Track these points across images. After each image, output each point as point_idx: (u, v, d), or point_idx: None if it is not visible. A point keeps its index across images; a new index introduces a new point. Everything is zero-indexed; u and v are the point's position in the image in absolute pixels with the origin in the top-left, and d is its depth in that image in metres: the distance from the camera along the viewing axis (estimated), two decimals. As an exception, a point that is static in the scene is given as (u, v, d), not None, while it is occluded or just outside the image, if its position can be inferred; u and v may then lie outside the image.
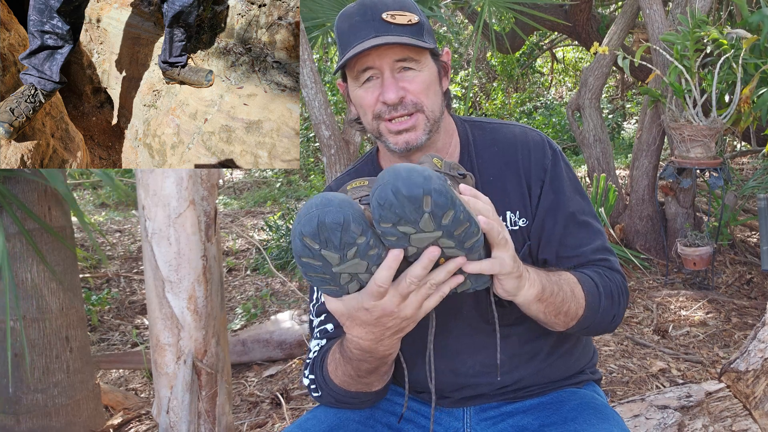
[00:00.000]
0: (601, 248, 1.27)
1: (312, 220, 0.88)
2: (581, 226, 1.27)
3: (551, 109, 9.49)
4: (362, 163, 1.38)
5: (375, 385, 1.18)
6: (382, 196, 0.87)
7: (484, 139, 1.31)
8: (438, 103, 1.22)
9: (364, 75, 1.18)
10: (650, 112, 4.03)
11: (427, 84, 1.19)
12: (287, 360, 3.08)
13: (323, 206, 0.89)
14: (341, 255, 0.91)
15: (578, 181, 1.32)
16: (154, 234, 1.80)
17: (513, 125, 1.34)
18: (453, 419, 1.34)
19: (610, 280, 1.23)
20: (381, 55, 1.15)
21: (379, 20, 1.15)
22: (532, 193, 1.26)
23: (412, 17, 1.17)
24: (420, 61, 1.18)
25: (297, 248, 0.91)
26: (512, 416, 1.31)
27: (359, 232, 0.89)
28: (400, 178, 0.87)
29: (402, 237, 0.91)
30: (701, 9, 3.53)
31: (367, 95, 1.19)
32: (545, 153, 1.28)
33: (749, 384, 1.74)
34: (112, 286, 4.35)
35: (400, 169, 0.88)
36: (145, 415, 2.64)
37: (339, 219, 0.88)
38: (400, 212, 0.87)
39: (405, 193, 0.86)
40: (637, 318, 3.30)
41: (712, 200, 4.13)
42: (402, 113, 1.18)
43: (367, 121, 1.23)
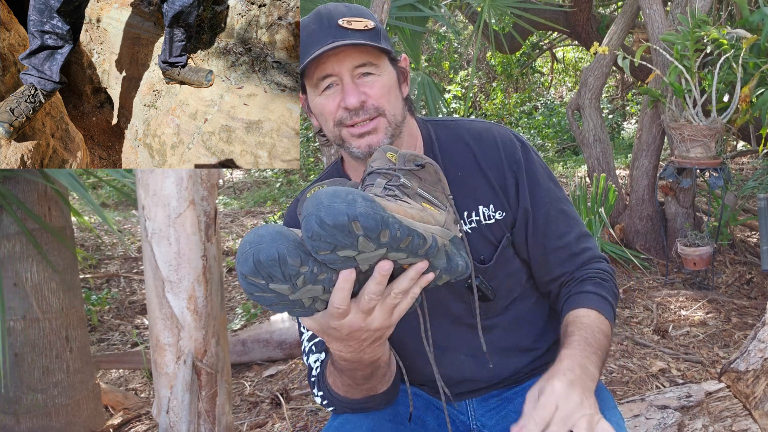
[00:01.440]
0: (582, 235, 1.31)
1: (248, 260, 0.86)
2: (561, 215, 1.29)
3: (551, 109, 9.49)
4: (327, 173, 1.38)
5: (379, 387, 1.18)
6: (309, 228, 0.84)
7: (449, 136, 1.31)
8: (399, 107, 1.22)
9: (324, 83, 1.17)
10: (650, 112, 4.03)
11: (387, 88, 1.19)
12: (287, 360, 3.08)
13: (256, 244, 0.86)
14: (291, 285, 0.88)
15: (548, 168, 1.33)
16: (154, 234, 1.80)
17: (477, 122, 1.34)
18: (458, 413, 1.37)
19: (605, 279, 1.26)
20: (340, 61, 1.15)
21: (336, 26, 1.15)
22: (508, 184, 1.27)
23: (368, 23, 1.17)
24: (379, 65, 1.18)
25: (245, 287, 0.88)
26: (512, 401, 1.33)
27: (298, 263, 0.86)
28: (322, 208, 0.83)
29: (347, 260, 0.88)
30: (701, 9, 3.53)
31: (327, 102, 1.18)
32: (514, 145, 1.29)
33: (749, 384, 1.74)
34: (112, 286, 4.35)
35: (321, 197, 0.85)
36: (145, 415, 2.64)
37: (273, 255, 0.85)
38: (332, 240, 0.84)
39: (330, 223, 0.82)
40: (637, 318, 3.30)
41: (712, 200, 4.13)
42: (364, 118, 1.17)
43: (329, 129, 1.22)
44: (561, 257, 1.28)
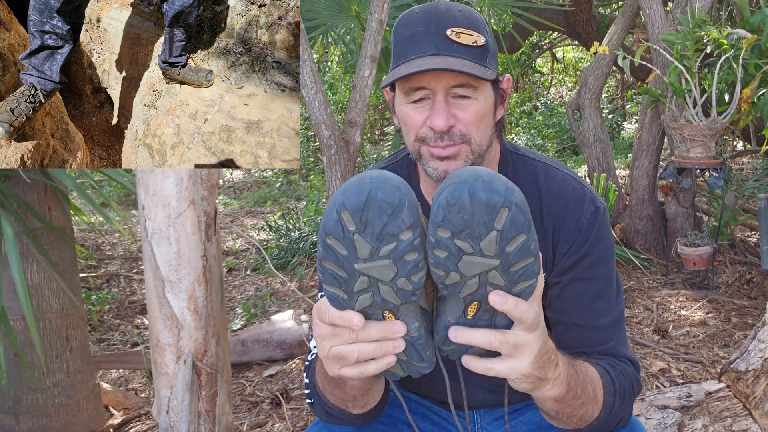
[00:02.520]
0: (616, 323, 1.15)
1: (361, 193, 0.74)
2: (601, 295, 1.15)
3: (551, 109, 9.49)
4: (397, 164, 1.28)
5: (350, 407, 1.07)
6: (455, 195, 0.74)
7: (525, 175, 1.21)
8: (487, 136, 1.12)
9: (416, 94, 1.08)
10: (650, 112, 4.03)
11: (480, 115, 1.09)
12: (287, 360, 3.08)
13: (380, 181, 0.75)
14: (374, 248, 0.76)
15: (613, 245, 1.19)
16: (154, 234, 1.80)
17: (558, 168, 1.22)
18: (463, 419, 1.34)
19: (623, 374, 1.10)
20: (437, 78, 1.05)
21: (443, 36, 1.05)
22: (558, 250, 1.15)
23: (479, 38, 1.07)
24: (478, 88, 1.07)
25: (328, 224, 0.76)
26: (524, 413, 1.30)
27: (409, 223, 0.75)
28: (480, 180, 0.74)
29: (452, 255, 0.77)
30: (701, 9, 3.53)
31: (414, 115, 1.09)
32: (582, 209, 1.16)
33: (749, 384, 1.74)
34: (112, 286, 4.35)
35: (481, 171, 0.76)
36: (145, 415, 2.64)
37: (394, 199, 0.74)
38: (468, 220, 0.74)
39: (483, 198, 0.73)
40: (637, 318, 3.30)
41: (712, 200, 4.13)
42: (448, 143, 1.08)
43: (409, 141, 1.13)
44: (580, 336, 1.13)
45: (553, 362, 0.90)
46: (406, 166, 1.26)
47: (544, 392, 0.92)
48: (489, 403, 1.30)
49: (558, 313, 1.15)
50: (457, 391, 1.20)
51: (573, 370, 0.97)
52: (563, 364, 0.94)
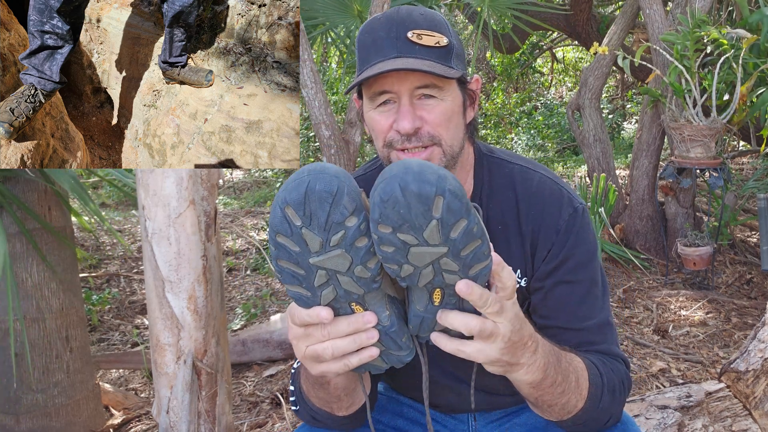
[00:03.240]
0: (604, 324, 1.14)
1: (300, 186, 0.75)
2: (587, 297, 1.13)
3: (551, 109, 9.49)
4: (375, 171, 1.26)
5: (335, 408, 1.06)
6: (387, 190, 0.74)
7: (501, 180, 1.19)
8: (458, 137, 1.10)
9: (380, 98, 1.07)
10: (650, 112, 4.03)
11: (448, 115, 1.07)
12: (287, 360, 3.08)
13: (317, 173, 0.75)
14: (324, 239, 0.76)
15: (595, 244, 1.17)
16: (154, 234, 1.80)
17: (535, 170, 1.20)
18: (458, 422, 1.34)
19: (613, 371, 1.09)
20: (401, 80, 1.04)
21: (404, 39, 1.04)
22: (537, 254, 1.14)
23: (441, 39, 1.05)
24: (443, 88, 1.06)
25: (275, 222, 0.77)
26: (518, 415, 1.31)
27: (351, 209, 0.75)
28: (411, 173, 0.74)
29: (399, 249, 0.77)
30: (701, 9, 3.53)
31: (381, 119, 1.08)
32: (560, 212, 1.14)
33: (749, 384, 1.74)
34: (112, 286, 4.35)
35: (411, 164, 0.75)
36: (145, 415, 2.64)
37: (332, 188, 0.74)
38: (405, 214, 0.74)
39: (414, 190, 0.73)
40: (637, 318, 3.30)
41: (712, 200, 4.13)
42: (416, 145, 1.06)
43: (378, 147, 1.12)
44: (573, 340, 1.11)
45: (529, 348, 0.89)
46: (379, 171, 1.26)
47: (517, 376, 0.92)
48: (486, 406, 1.31)
49: (544, 319, 1.13)
50: (458, 396, 1.21)
51: (554, 358, 0.96)
52: (543, 351, 0.93)
